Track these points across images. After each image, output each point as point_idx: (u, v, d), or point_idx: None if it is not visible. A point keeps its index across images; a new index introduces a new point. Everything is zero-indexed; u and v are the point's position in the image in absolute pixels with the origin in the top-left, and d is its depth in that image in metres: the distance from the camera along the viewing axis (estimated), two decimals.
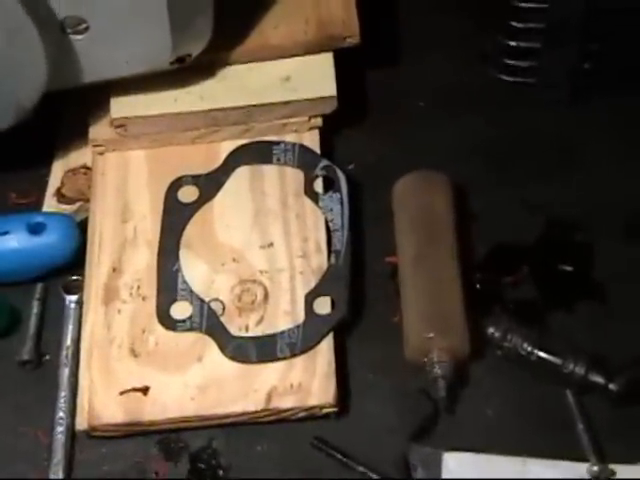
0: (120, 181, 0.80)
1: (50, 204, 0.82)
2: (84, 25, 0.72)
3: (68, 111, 0.82)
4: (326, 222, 0.77)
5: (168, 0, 0.72)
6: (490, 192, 0.81)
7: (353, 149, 0.84)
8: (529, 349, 0.68)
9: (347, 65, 0.84)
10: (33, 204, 0.82)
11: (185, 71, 0.78)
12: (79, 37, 0.72)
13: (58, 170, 0.84)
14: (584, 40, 0.83)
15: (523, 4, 0.81)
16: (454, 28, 0.90)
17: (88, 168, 0.82)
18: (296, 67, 0.81)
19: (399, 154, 0.83)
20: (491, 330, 0.69)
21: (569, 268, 0.75)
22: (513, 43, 0.84)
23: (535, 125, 0.86)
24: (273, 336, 0.69)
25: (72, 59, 0.73)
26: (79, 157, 0.84)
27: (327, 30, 0.82)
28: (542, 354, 0.68)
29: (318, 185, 0.78)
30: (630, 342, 0.70)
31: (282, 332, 0.69)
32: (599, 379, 0.66)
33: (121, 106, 0.80)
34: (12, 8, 0.68)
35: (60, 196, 0.82)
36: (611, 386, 0.65)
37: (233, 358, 0.68)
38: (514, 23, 0.81)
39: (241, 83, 0.81)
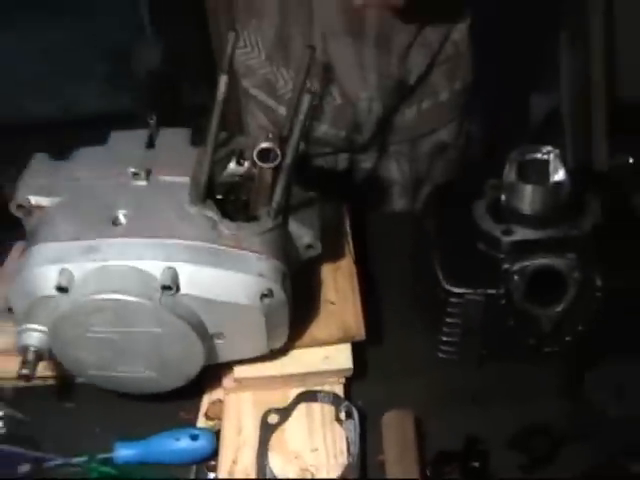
0: (236, 409, 0.83)
1: (201, 421, 0.84)
2: (222, 335, 0.77)
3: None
4: (347, 437, 0.79)
5: (267, 329, 0.77)
6: (437, 422, 0.82)
7: (362, 393, 0.85)
8: None
9: (359, 347, 0.86)
10: (193, 419, 0.83)
11: None
12: (219, 341, 0.77)
13: (206, 400, 0.85)
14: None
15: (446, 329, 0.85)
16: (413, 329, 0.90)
17: (221, 401, 0.85)
18: (331, 351, 0.84)
19: (389, 397, 0.85)
20: None
21: (477, 465, 0.77)
22: (444, 338, 0.86)
23: (460, 378, 0.87)
24: None
25: (213, 351, 0.78)
26: (217, 394, 0.85)
27: (348, 333, 0.84)
28: None
29: (342, 415, 0.80)
30: None
31: None
32: None
33: (241, 370, 0.82)
34: (188, 333, 0.73)
35: (207, 416, 0.84)
36: None
37: None
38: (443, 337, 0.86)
39: (301, 359, 0.84)
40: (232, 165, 0.84)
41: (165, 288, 0.72)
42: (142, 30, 3.58)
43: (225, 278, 0.73)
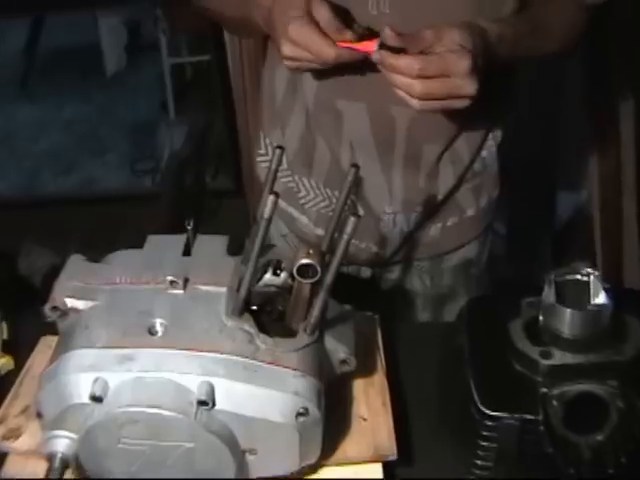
0: None
1: None
2: (255, 451, 0.77)
3: None
4: None
5: (300, 447, 0.76)
6: None
7: None
8: None
9: (389, 465, 0.85)
10: None
11: None
12: (251, 457, 0.77)
13: None
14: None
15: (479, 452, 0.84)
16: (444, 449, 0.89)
17: None
18: (362, 469, 0.83)
19: None
20: None
21: None
22: (478, 461, 0.84)
23: None
24: None
25: (244, 466, 0.78)
26: None
27: (380, 452, 0.84)
28: None
29: None
30: None
31: None
32: None
33: None
34: (220, 449, 0.73)
35: None
36: None
37: None
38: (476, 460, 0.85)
39: (331, 477, 0.83)
40: (268, 275, 0.85)
41: (201, 403, 0.72)
42: (165, 109, 3.70)
43: (261, 395, 0.74)
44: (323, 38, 0.86)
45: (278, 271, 0.87)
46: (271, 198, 0.73)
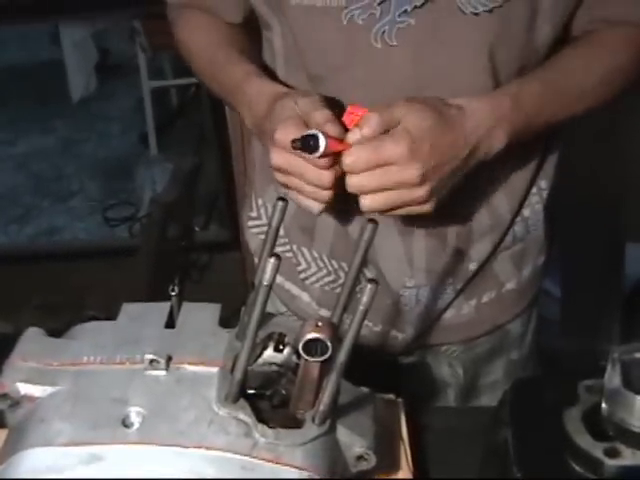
0: None
1: None
2: None
3: None
4: None
5: None
6: None
7: None
8: None
9: None
10: None
11: None
12: None
13: None
14: None
15: None
16: None
17: None
18: None
19: None
20: None
21: None
22: None
23: None
24: None
25: None
26: None
27: None
28: None
29: None
30: None
31: None
32: None
33: None
34: None
35: None
36: None
37: None
38: None
39: None
40: (269, 352, 0.86)
41: None
42: (146, 143, 3.70)
43: None
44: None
45: (281, 347, 0.88)
46: (272, 262, 0.74)
